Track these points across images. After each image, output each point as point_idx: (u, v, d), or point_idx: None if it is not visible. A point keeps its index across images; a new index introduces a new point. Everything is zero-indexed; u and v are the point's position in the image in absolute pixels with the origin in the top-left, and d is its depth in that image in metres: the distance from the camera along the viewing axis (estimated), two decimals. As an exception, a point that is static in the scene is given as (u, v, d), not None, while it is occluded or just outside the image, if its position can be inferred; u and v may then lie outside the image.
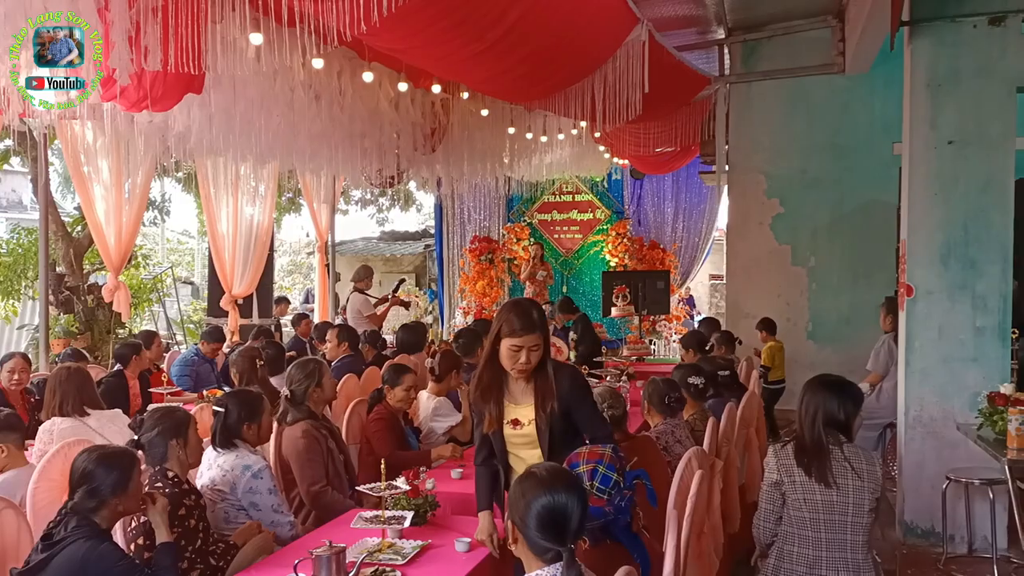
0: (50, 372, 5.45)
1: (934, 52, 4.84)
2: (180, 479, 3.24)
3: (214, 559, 3.23)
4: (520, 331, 2.99)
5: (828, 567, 3.03)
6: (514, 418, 3.14)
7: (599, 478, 2.71)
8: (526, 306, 3.09)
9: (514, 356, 3.01)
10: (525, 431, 3.13)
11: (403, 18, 3.45)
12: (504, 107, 7.50)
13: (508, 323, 3.01)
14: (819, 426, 3.10)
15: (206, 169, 8.69)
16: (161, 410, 3.41)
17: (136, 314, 10.68)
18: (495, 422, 3.15)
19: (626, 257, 12.74)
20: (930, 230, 4.86)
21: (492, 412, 3.15)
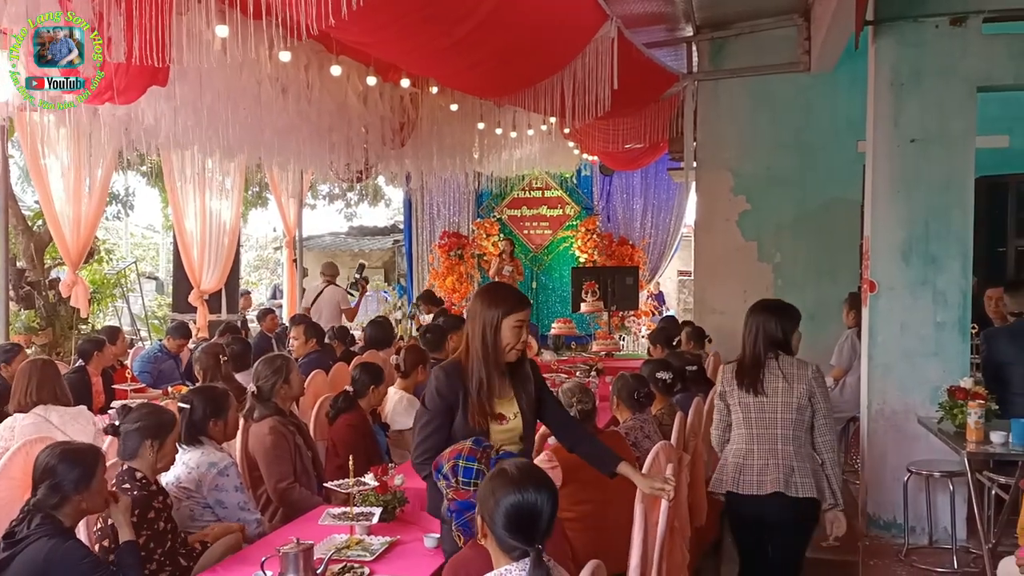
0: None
1: (897, 52, 4.92)
2: (148, 480, 3.19)
3: (184, 560, 3.20)
4: (522, 304, 2.94)
5: (758, 458, 3.51)
6: (499, 413, 2.96)
7: (461, 472, 2.74)
8: (507, 284, 3.10)
9: (517, 333, 2.90)
10: (510, 426, 2.97)
11: (371, 12, 3.43)
12: (474, 102, 7.48)
13: (507, 300, 2.92)
14: (759, 344, 3.56)
15: (172, 163, 8.57)
16: (150, 407, 3.38)
17: (99, 310, 10.51)
18: (481, 417, 2.91)
19: (595, 253, 12.80)
20: (892, 227, 4.94)
21: (478, 406, 2.90)
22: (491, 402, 2.93)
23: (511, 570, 2.12)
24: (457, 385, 2.92)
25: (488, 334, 2.89)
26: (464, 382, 2.92)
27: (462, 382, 2.92)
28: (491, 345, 2.89)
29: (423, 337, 6.26)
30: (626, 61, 5.86)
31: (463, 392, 2.91)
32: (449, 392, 2.93)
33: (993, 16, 4.88)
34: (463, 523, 2.68)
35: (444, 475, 2.67)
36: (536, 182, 13.32)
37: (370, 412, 4.85)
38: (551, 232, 13.41)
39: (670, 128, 9.01)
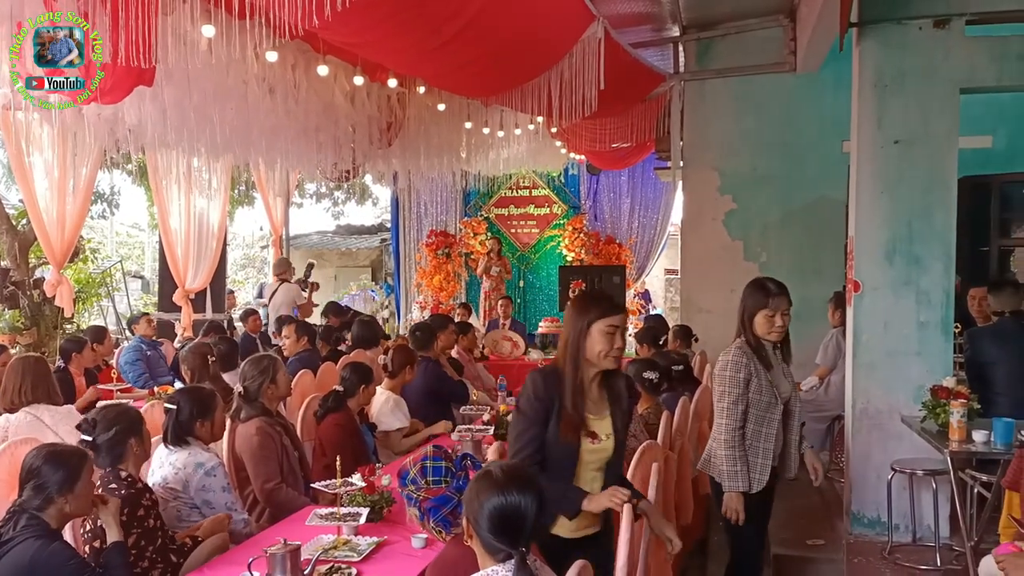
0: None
1: (881, 53, 4.95)
2: (134, 478, 3.19)
3: (174, 556, 3.19)
4: (614, 309, 2.75)
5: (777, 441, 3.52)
6: (592, 430, 2.75)
7: (430, 472, 2.78)
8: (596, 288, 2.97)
9: (610, 339, 2.70)
10: (601, 447, 2.77)
11: (357, 12, 3.43)
12: (461, 102, 7.48)
13: (599, 305, 2.75)
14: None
15: (157, 162, 8.53)
16: (113, 409, 3.34)
17: (84, 309, 10.44)
18: (573, 432, 2.71)
19: (582, 252, 12.82)
20: (876, 227, 4.98)
21: (571, 417, 2.70)
22: (583, 415, 2.73)
23: (497, 571, 2.12)
24: (553, 390, 2.73)
25: (580, 340, 2.73)
26: (559, 388, 2.73)
27: (557, 388, 2.73)
28: (582, 352, 2.72)
29: (412, 335, 6.27)
30: (613, 61, 5.87)
31: (558, 399, 2.73)
32: (546, 396, 2.73)
33: (976, 18, 4.92)
34: (441, 519, 2.73)
35: (412, 480, 2.69)
36: (523, 181, 13.34)
37: (357, 412, 4.84)
38: (538, 231, 13.43)
39: (657, 128, 9.04)
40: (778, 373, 3.51)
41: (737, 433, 3.43)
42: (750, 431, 3.46)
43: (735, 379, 3.42)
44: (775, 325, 3.41)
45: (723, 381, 3.46)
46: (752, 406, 3.44)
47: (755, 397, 3.43)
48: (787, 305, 3.42)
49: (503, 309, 10.30)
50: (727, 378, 3.44)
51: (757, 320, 3.42)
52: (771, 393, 3.45)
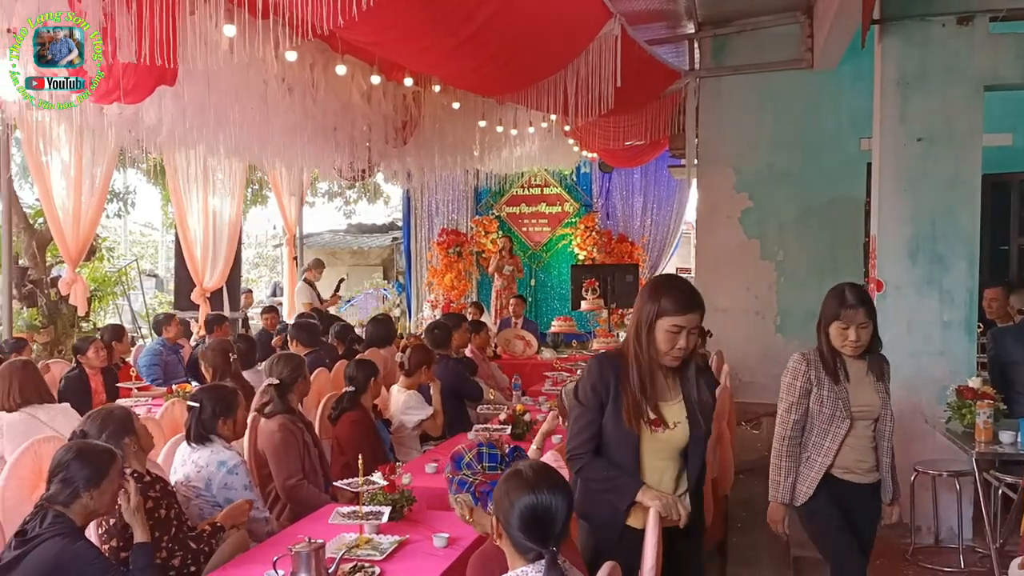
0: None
1: (903, 50, 4.91)
2: (140, 472, 3.19)
3: (194, 543, 3.19)
4: (683, 308, 2.55)
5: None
6: (656, 417, 2.64)
7: (486, 459, 2.76)
8: (681, 282, 2.68)
9: (672, 339, 2.56)
10: (668, 436, 2.65)
11: (377, 12, 3.42)
12: (475, 100, 7.48)
13: (668, 298, 2.57)
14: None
15: (175, 162, 8.56)
16: (98, 415, 3.32)
17: (100, 307, 10.49)
18: (633, 418, 2.62)
19: (595, 250, 12.79)
20: (899, 226, 4.94)
21: (635, 402, 2.61)
22: (650, 401, 2.63)
23: (527, 571, 2.12)
24: (610, 376, 2.64)
25: (643, 331, 2.59)
26: (620, 373, 2.63)
27: (616, 373, 2.64)
28: (644, 344, 2.60)
29: (430, 334, 6.27)
30: (629, 59, 5.86)
31: (616, 384, 2.63)
32: (600, 382, 2.65)
33: (1000, 15, 4.88)
34: None
35: (467, 464, 2.67)
36: (535, 179, 13.31)
37: (371, 408, 4.84)
38: (550, 229, 13.40)
39: (671, 125, 9.01)
40: (858, 387, 3.22)
41: (787, 442, 3.27)
42: (809, 442, 3.26)
43: (792, 386, 3.26)
44: (848, 339, 3.13)
45: (781, 387, 3.37)
46: (813, 417, 3.24)
47: (815, 408, 3.22)
48: (865, 318, 3.10)
49: (515, 308, 10.28)
50: (784, 384, 3.32)
51: (831, 331, 3.17)
52: (835, 406, 3.19)
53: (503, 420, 5.26)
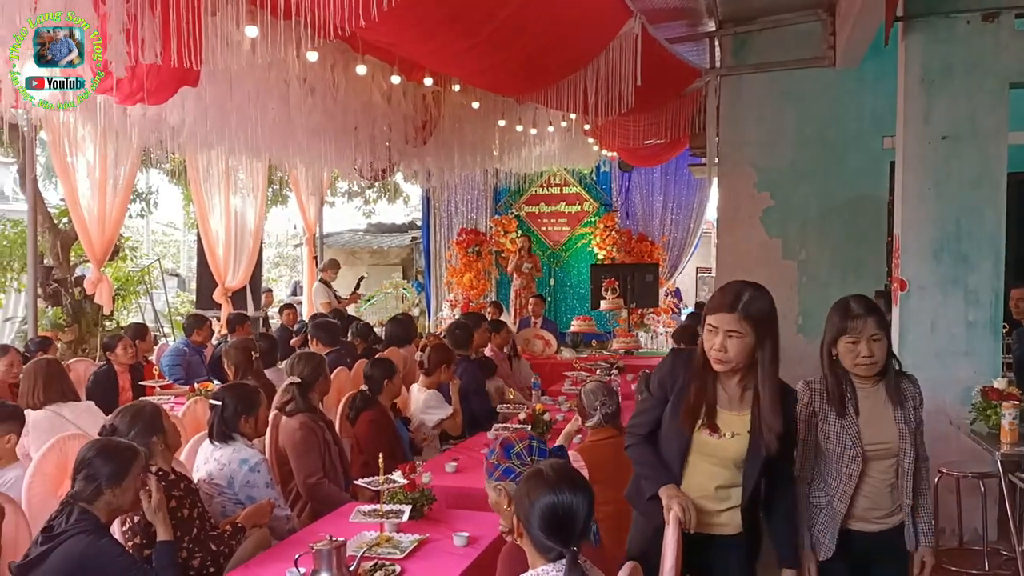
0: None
1: (928, 48, 4.86)
2: (165, 471, 3.21)
3: (215, 544, 3.22)
4: (720, 307, 2.51)
5: None
6: (715, 423, 2.60)
7: (536, 451, 2.75)
8: (737, 286, 2.55)
9: (708, 338, 2.54)
10: (722, 444, 2.61)
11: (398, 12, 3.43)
12: (495, 100, 7.48)
13: (715, 298, 2.58)
14: None
15: (197, 162, 8.64)
16: (128, 411, 3.35)
17: (123, 307, 10.60)
18: (687, 418, 2.60)
19: (614, 250, 12.75)
20: (923, 225, 4.89)
21: (690, 402, 2.60)
22: (705, 405, 2.59)
23: (548, 570, 2.12)
24: (679, 372, 2.65)
25: (702, 326, 2.59)
26: (687, 371, 2.62)
27: (685, 370, 2.63)
28: (701, 343, 2.59)
29: (452, 334, 6.28)
30: (649, 57, 5.83)
31: (682, 380, 2.63)
32: (667, 376, 2.69)
33: (1027, 12, 4.82)
34: None
35: (517, 454, 2.68)
36: (554, 179, 13.29)
37: (391, 407, 4.85)
38: (569, 229, 13.38)
39: (691, 124, 8.95)
40: (872, 420, 2.77)
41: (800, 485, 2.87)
42: (820, 486, 2.84)
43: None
44: (860, 355, 2.70)
45: None
46: (820, 455, 2.83)
47: (822, 444, 2.82)
48: (876, 329, 2.69)
49: (534, 307, 10.28)
50: None
51: (840, 350, 2.75)
52: (842, 443, 2.75)
53: (522, 419, 5.26)
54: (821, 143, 8.05)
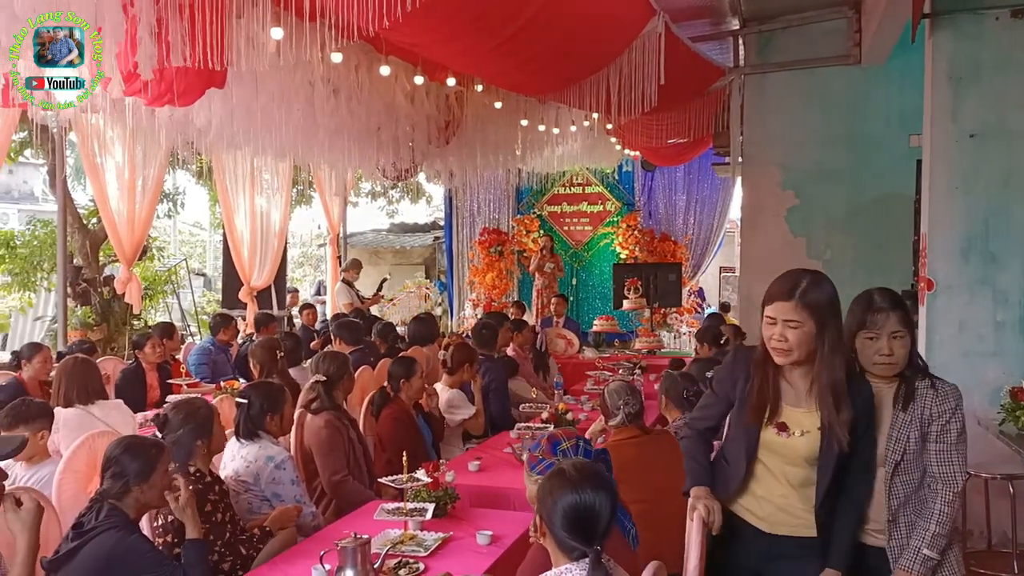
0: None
1: (955, 45, 4.80)
2: (203, 473, 3.26)
3: (244, 548, 3.26)
4: (777, 295, 2.42)
5: None
6: (782, 421, 2.49)
7: (582, 451, 2.75)
8: (795, 274, 2.44)
9: (767, 329, 2.44)
10: (790, 443, 2.48)
11: (421, 13, 3.45)
12: (517, 99, 7.49)
13: (772, 286, 2.46)
14: None
15: (223, 163, 8.73)
16: (185, 407, 3.38)
17: (151, 306, 10.73)
18: (755, 414, 2.51)
19: (637, 249, 12.71)
20: (951, 224, 4.83)
21: (755, 400, 2.50)
22: (770, 400, 2.49)
23: (571, 570, 2.12)
24: (740, 371, 2.56)
25: (761, 323, 2.49)
26: (752, 368, 2.52)
27: (747, 368, 2.54)
28: (760, 335, 2.49)
29: (478, 333, 6.30)
30: (673, 56, 5.81)
31: (745, 378, 2.54)
32: (729, 374, 2.62)
33: (1056, 7, 4.74)
34: None
35: (564, 451, 2.69)
36: (576, 178, 13.27)
37: (413, 406, 4.87)
38: (591, 228, 13.35)
39: (715, 123, 8.91)
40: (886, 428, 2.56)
41: None
42: None
43: None
44: (879, 352, 2.49)
45: None
46: None
47: None
48: (899, 326, 2.49)
49: (556, 307, 10.28)
50: None
51: (858, 345, 2.54)
52: None
53: (545, 419, 5.27)
54: (846, 141, 7.99)
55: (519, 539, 3.23)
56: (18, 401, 3.97)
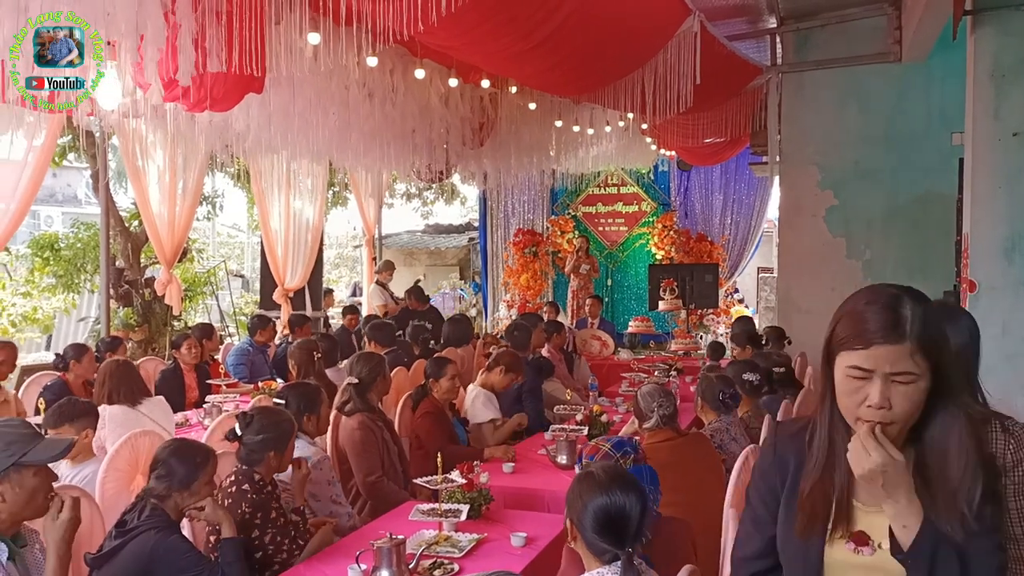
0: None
1: (998, 41, 4.70)
2: (265, 482, 3.25)
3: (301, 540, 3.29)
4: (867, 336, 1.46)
5: None
6: (859, 530, 1.54)
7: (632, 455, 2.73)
8: (887, 297, 1.49)
9: (856, 389, 1.49)
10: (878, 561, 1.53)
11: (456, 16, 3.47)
12: (552, 101, 7.50)
13: (849, 321, 1.50)
14: None
15: (259, 165, 8.85)
16: (270, 416, 3.35)
17: (191, 307, 10.91)
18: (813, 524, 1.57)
19: (672, 250, 12.62)
20: (993, 224, 4.73)
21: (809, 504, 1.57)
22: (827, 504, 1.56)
23: (603, 573, 2.12)
24: (788, 461, 1.65)
25: (826, 375, 1.56)
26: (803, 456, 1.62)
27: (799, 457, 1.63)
28: (826, 392, 1.57)
29: (511, 336, 6.30)
30: (709, 55, 5.78)
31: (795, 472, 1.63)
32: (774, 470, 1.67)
33: (1103, 2, 4.62)
34: None
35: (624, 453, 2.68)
36: (611, 178, 13.21)
37: (448, 407, 4.90)
38: (627, 229, 13.28)
39: (752, 122, 8.84)
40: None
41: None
42: None
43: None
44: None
45: None
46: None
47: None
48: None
49: (591, 308, 10.24)
50: None
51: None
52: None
53: (580, 420, 5.25)
54: (886, 140, 7.87)
55: (553, 541, 3.23)
56: (64, 400, 4.05)
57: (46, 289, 10.15)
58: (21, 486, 2.39)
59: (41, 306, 10.00)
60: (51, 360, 6.18)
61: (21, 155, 5.53)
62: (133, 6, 3.28)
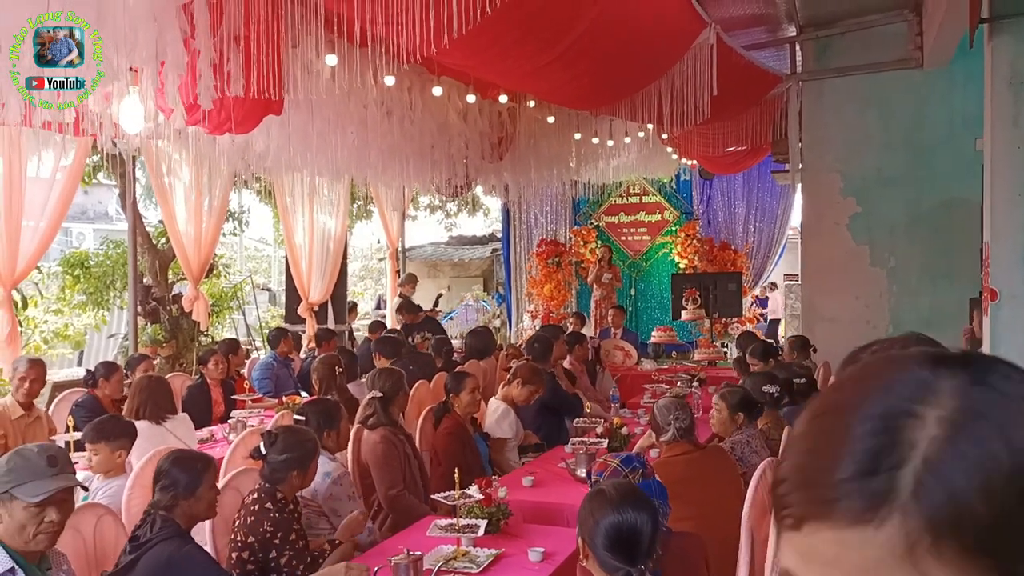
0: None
1: (1015, 49, 4.66)
2: (287, 501, 3.28)
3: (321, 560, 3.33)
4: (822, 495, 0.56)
5: None
6: None
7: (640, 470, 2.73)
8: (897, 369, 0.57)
9: None
10: None
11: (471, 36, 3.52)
12: (570, 113, 7.53)
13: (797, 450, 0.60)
14: None
15: (283, 182, 8.97)
16: (294, 436, 3.39)
17: (217, 322, 11.04)
18: None
19: (696, 259, 12.56)
20: (1014, 232, 4.68)
21: None
22: None
23: (616, 590, 2.13)
24: None
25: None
26: None
27: None
28: None
29: (531, 348, 6.31)
30: (726, 66, 5.78)
31: None
32: None
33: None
34: None
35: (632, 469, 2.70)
36: (633, 188, 13.17)
37: (469, 421, 4.92)
38: (649, 238, 13.23)
39: (773, 130, 8.81)
40: None
41: None
42: None
43: None
44: None
45: None
46: None
47: None
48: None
49: (614, 318, 10.22)
50: None
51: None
52: None
53: (600, 433, 5.25)
54: (908, 146, 7.81)
55: (571, 556, 3.23)
56: (107, 417, 4.12)
57: (77, 306, 10.32)
58: (11, 516, 2.40)
59: (72, 323, 10.16)
60: (82, 376, 6.30)
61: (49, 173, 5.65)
62: (153, 33, 3.36)
